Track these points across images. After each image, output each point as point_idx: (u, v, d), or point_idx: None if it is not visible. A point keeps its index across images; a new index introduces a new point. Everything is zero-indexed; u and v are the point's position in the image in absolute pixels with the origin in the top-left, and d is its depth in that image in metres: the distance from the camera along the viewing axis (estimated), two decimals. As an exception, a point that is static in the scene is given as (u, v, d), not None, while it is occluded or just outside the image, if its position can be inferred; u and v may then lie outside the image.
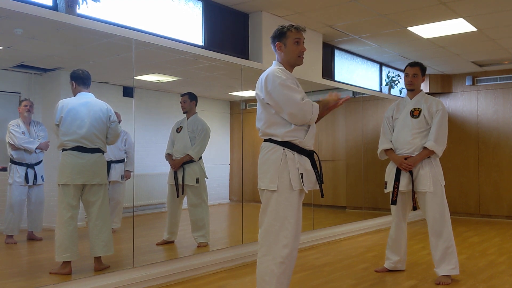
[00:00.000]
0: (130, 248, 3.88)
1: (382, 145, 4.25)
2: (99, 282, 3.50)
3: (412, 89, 4.17)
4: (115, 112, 5.28)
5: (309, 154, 2.94)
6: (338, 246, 5.66)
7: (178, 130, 5.01)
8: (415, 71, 4.13)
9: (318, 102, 2.94)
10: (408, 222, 7.66)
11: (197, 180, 4.87)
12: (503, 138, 8.09)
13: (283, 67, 2.96)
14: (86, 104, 3.85)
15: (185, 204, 5.03)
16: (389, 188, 4.14)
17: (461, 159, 8.53)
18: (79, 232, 3.80)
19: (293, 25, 2.96)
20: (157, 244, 4.89)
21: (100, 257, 3.78)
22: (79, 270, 3.74)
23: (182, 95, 5.04)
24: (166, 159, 5.03)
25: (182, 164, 4.89)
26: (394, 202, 4.06)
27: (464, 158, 8.50)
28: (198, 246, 4.77)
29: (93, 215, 3.80)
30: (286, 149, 2.84)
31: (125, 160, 5.53)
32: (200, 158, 4.96)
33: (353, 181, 7.60)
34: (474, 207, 8.37)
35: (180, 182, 4.86)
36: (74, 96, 3.93)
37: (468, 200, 8.43)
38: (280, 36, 2.95)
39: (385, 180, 4.22)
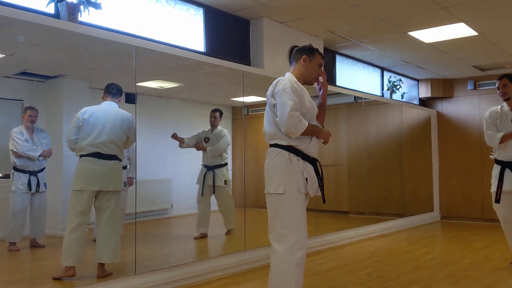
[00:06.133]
0: (133, 254, 3.87)
1: (498, 134, 4.44)
2: (101, 289, 3.49)
3: (508, 98, 4.44)
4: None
5: (313, 161, 3.01)
6: (342, 251, 5.64)
7: (206, 140, 5.68)
8: (503, 82, 4.44)
9: (314, 125, 3.00)
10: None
11: (225, 182, 5.59)
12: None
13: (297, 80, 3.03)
14: (107, 112, 3.94)
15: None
16: (493, 188, 4.43)
17: (464, 163, 8.51)
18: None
19: (320, 52, 3.16)
20: (195, 238, 5.47)
21: (103, 264, 3.78)
22: (82, 276, 3.73)
23: (213, 111, 5.74)
24: (197, 148, 5.72)
25: (213, 168, 5.56)
26: (497, 201, 4.38)
27: (467, 162, 8.48)
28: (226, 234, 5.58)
29: (103, 221, 3.82)
30: (291, 154, 2.91)
31: (128, 166, 5.53)
32: (226, 164, 5.67)
33: (356, 186, 7.59)
34: (478, 211, 8.33)
35: (210, 183, 5.54)
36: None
37: (472, 205, 8.39)
38: (309, 52, 3.10)
39: (491, 182, 4.50)
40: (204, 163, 5.72)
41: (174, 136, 5.62)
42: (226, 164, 5.70)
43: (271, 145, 2.99)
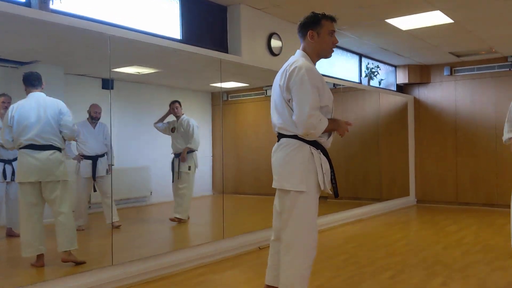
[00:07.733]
0: (109, 244, 3.87)
1: (506, 135, 4.19)
2: (77, 281, 3.48)
3: None
4: (95, 104, 5.22)
5: (326, 153, 2.80)
6: (319, 237, 5.65)
7: (173, 130, 5.92)
8: None
9: (332, 119, 2.74)
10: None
11: (189, 168, 5.82)
12: (480, 127, 8.23)
13: (310, 59, 2.74)
14: (35, 103, 3.85)
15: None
16: None
17: (440, 148, 8.66)
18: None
19: (327, 15, 2.76)
20: (170, 219, 5.67)
21: (69, 250, 3.81)
22: (60, 266, 3.73)
23: (173, 102, 5.88)
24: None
25: (179, 155, 5.83)
26: None
27: (442, 147, 8.63)
28: (171, 219, 5.64)
29: (55, 212, 3.83)
30: (312, 147, 2.67)
31: (107, 154, 5.47)
32: (193, 151, 5.88)
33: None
34: (452, 195, 8.53)
35: (177, 170, 5.80)
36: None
37: (447, 189, 8.58)
38: (313, 24, 2.72)
39: None
40: (173, 151, 5.94)
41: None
42: (193, 151, 5.90)
43: (287, 136, 2.70)
